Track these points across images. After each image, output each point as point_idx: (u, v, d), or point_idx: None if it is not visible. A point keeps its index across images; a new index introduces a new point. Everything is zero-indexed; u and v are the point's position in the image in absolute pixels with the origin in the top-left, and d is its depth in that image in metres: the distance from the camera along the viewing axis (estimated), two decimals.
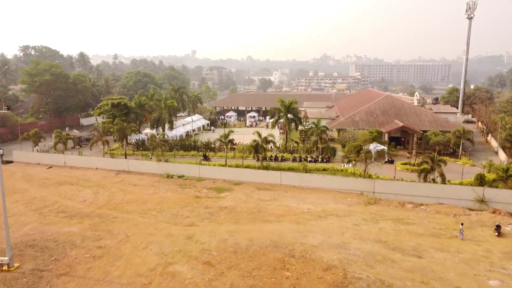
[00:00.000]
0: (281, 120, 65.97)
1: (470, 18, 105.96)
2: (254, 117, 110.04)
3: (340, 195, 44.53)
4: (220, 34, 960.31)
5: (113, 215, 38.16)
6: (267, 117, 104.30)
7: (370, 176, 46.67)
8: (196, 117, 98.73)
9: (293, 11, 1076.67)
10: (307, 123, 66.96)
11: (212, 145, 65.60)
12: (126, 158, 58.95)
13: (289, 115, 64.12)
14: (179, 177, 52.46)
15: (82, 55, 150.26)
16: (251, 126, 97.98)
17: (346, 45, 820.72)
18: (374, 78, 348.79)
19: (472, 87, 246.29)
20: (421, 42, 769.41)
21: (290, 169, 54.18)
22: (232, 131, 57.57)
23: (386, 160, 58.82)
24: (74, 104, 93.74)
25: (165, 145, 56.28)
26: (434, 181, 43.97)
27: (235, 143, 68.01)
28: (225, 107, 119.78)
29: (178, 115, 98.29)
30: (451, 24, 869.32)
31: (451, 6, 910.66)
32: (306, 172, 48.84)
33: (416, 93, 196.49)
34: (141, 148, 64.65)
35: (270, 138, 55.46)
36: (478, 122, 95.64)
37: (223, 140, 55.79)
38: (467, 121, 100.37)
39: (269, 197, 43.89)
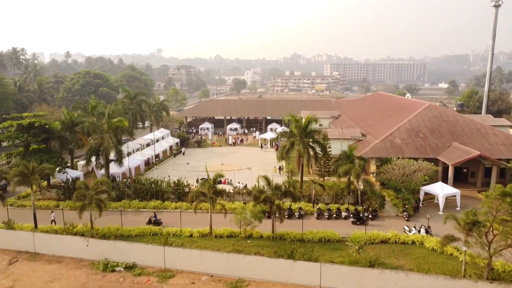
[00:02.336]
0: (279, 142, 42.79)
1: (497, 6, 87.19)
2: (236, 129, 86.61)
3: None
4: (187, 32, 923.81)
5: None
6: (256, 132, 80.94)
7: (499, 278, 24.39)
8: (160, 132, 74.11)
9: (261, 10, 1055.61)
10: (329, 148, 44.46)
11: (186, 187, 41.78)
12: (36, 225, 34.02)
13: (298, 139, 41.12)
14: (127, 268, 28.42)
15: (14, 51, 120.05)
16: (234, 143, 74.28)
17: (316, 44, 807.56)
18: (350, 78, 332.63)
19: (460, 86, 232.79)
20: (389, 42, 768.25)
21: (325, 241, 31.48)
22: (222, 175, 33.97)
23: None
24: None
25: (103, 202, 31.94)
26: None
27: (221, 180, 44.88)
28: (197, 116, 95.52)
29: (138, 127, 73.26)
30: (416, 24, 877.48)
31: (417, 7, 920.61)
32: (370, 265, 25.97)
33: (408, 94, 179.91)
34: (68, 198, 40.02)
35: (285, 186, 32.40)
36: None
37: (207, 194, 32.08)
38: None
39: None
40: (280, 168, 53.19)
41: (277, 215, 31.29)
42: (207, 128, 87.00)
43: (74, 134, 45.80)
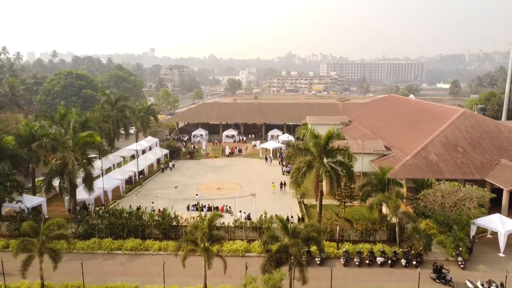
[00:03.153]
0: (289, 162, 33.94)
1: None
2: (233, 136, 77.80)
3: None
4: (181, 31, 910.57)
5: None
6: (257, 141, 71.84)
7: None
8: (147, 141, 65.07)
9: (254, 9, 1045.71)
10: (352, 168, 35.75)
11: (174, 220, 32.84)
12: None
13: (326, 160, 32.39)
14: None
15: None
16: (231, 154, 65.31)
17: (310, 44, 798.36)
18: (347, 78, 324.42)
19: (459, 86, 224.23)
20: (384, 41, 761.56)
21: None
22: (221, 215, 25.13)
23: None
24: None
25: (57, 253, 23.12)
26: None
27: (218, 207, 36.51)
28: (190, 122, 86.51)
29: (121, 132, 63.63)
30: (411, 24, 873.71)
31: (410, 7, 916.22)
32: None
33: (411, 95, 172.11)
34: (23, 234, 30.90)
35: (310, 232, 23.64)
36: None
37: (200, 244, 23.25)
38: None
39: None
40: (282, 185, 44.74)
41: (297, 268, 22.61)
42: (201, 135, 78.09)
43: (33, 152, 36.68)
